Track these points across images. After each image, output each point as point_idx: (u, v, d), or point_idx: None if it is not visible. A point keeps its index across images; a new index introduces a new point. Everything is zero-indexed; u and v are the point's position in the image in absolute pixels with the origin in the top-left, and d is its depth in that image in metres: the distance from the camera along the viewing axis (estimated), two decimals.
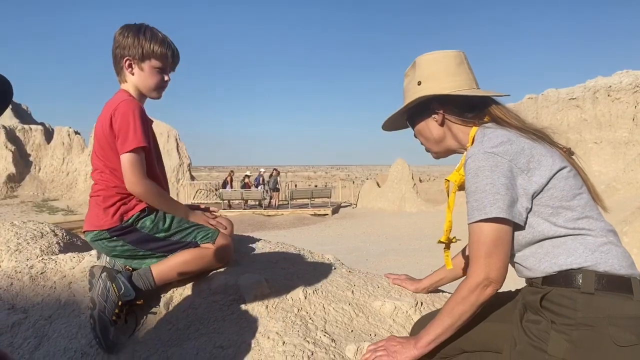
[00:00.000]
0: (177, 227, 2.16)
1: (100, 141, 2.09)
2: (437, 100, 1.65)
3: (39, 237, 3.86)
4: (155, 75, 2.18)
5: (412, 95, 1.68)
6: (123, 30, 2.14)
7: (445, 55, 1.67)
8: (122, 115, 2.02)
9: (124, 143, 2.01)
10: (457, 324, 1.55)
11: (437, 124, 1.69)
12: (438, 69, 1.65)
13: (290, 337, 1.81)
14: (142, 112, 2.09)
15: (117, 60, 2.17)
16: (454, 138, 1.70)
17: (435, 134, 1.71)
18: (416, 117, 1.74)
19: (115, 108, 2.04)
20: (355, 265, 9.09)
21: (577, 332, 1.35)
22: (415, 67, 1.70)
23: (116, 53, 2.16)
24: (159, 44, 2.15)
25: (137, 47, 2.12)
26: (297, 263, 2.44)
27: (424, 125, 1.73)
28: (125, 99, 2.08)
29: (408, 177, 26.81)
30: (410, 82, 1.71)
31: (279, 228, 20.73)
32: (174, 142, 34.33)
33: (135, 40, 2.12)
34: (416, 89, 1.67)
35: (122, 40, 2.13)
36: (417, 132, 1.77)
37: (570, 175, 1.49)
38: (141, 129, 2.04)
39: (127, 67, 2.15)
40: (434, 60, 1.67)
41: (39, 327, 2.14)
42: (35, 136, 38.36)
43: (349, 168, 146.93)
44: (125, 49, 2.13)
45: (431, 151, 1.79)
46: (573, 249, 1.43)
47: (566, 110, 30.08)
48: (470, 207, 1.48)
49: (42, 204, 33.29)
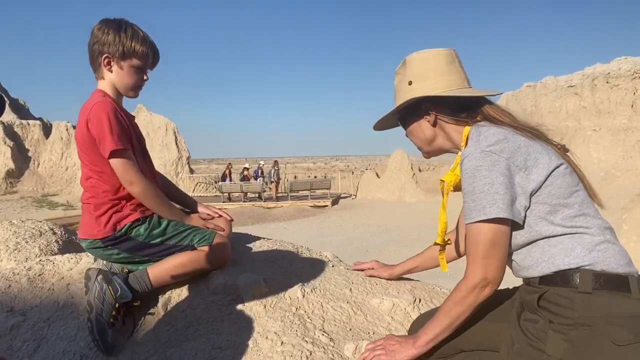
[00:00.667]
0: (173, 231, 2.14)
1: (82, 146, 2.05)
2: (429, 101, 1.63)
3: (38, 236, 3.85)
4: (134, 75, 2.12)
5: (403, 96, 1.66)
6: (102, 26, 2.06)
7: (436, 54, 1.64)
8: (97, 119, 1.97)
9: (104, 147, 1.97)
10: (454, 324, 1.55)
11: (429, 124, 1.67)
12: (429, 68, 1.63)
13: (288, 337, 1.81)
14: (116, 113, 2.03)
15: (94, 57, 2.10)
16: (447, 138, 1.69)
17: (427, 135, 1.70)
18: (408, 118, 1.72)
19: (90, 112, 1.99)
20: (355, 257, 9.09)
21: (575, 331, 1.35)
22: (406, 65, 1.68)
23: (94, 49, 2.08)
24: (140, 43, 2.08)
25: (117, 45, 2.05)
26: (295, 261, 2.44)
27: (416, 126, 1.71)
28: (98, 101, 2.02)
29: (407, 167, 26.81)
30: (401, 82, 1.69)
31: (279, 220, 20.75)
32: (173, 135, 34.25)
33: (116, 37, 2.04)
34: (407, 89, 1.65)
35: (102, 37, 2.05)
36: (409, 133, 1.76)
37: (567, 172, 1.48)
38: (118, 131, 1.99)
39: (106, 64, 2.08)
40: (424, 59, 1.64)
41: (38, 329, 2.14)
42: (34, 131, 38.29)
43: (348, 159, 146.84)
44: (105, 45, 2.05)
45: (423, 150, 1.78)
46: (570, 248, 1.43)
47: (565, 98, 30.04)
48: (468, 208, 1.47)
49: (41, 199, 33.28)
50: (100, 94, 2.08)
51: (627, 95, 27.84)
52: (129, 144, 2.04)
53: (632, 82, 27.72)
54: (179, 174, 33.26)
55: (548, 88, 31.02)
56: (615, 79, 28.15)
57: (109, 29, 2.05)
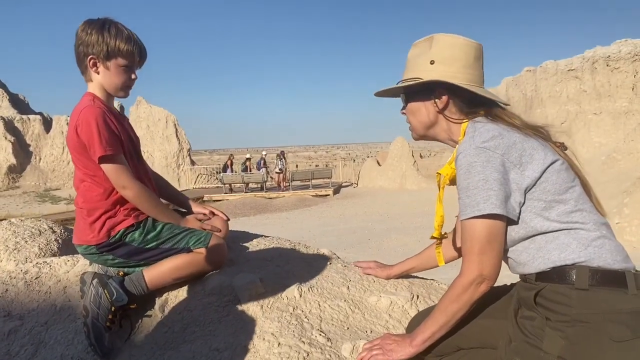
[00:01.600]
0: (168, 234, 2.12)
1: (74, 151, 2.04)
2: (446, 87, 1.58)
3: (37, 235, 3.84)
4: (121, 74, 2.08)
5: (421, 72, 1.60)
6: (86, 27, 2.02)
7: (467, 44, 1.59)
8: (85, 124, 1.95)
9: (94, 153, 1.96)
10: (451, 322, 1.54)
11: (434, 109, 1.63)
12: (456, 55, 1.58)
13: (285, 337, 1.80)
14: (104, 117, 2.00)
15: (80, 59, 2.06)
16: (445, 128, 1.65)
17: (430, 119, 1.66)
18: (415, 95, 1.66)
19: (79, 117, 1.97)
20: (357, 246, 9.10)
21: (572, 328, 1.34)
22: (432, 43, 1.61)
23: (79, 51, 2.05)
24: (125, 41, 2.03)
25: (101, 45, 2.00)
26: (292, 260, 2.42)
27: (421, 106, 1.66)
28: (86, 105, 1.99)
29: (408, 154, 26.77)
30: (420, 57, 1.62)
31: (281, 210, 20.78)
32: (173, 127, 34.22)
33: (100, 37, 2.00)
34: (427, 67, 1.59)
35: (85, 38, 2.01)
36: (410, 110, 1.70)
37: (563, 168, 1.47)
38: (106, 135, 1.97)
39: (92, 66, 2.05)
40: (454, 45, 1.59)
41: (36, 333, 2.14)
42: (34, 126, 38.26)
43: (349, 147, 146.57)
44: (89, 46, 2.01)
45: (416, 132, 1.73)
46: (566, 244, 1.42)
47: (565, 82, 29.87)
48: (463, 204, 1.46)
49: (44, 193, 33.35)
50: (89, 98, 2.04)
51: (627, 78, 27.66)
52: (118, 148, 2.02)
53: (632, 64, 27.53)
54: (180, 165, 33.28)
55: (548, 72, 30.82)
56: (616, 61, 27.95)
57: (92, 29, 2.01)
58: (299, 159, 60.49)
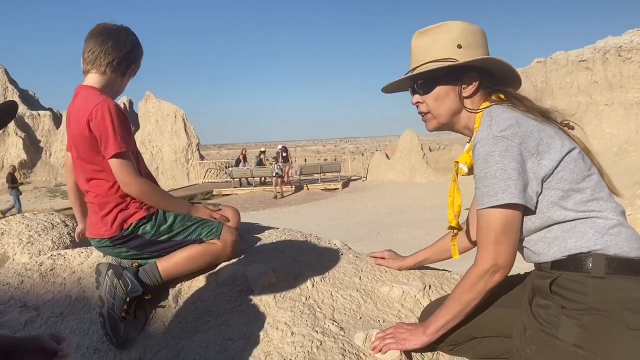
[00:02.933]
0: (179, 226, 2.14)
1: (81, 145, 2.05)
2: (478, 70, 1.57)
3: (50, 229, 3.88)
4: (126, 84, 2.27)
5: (448, 55, 1.56)
6: (135, 38, 2.19)
7: (482, 32, 1.60)
8: (100, 119, 1.97)
9: (107, 148, 1.98)
10: (465, 311, 1.54)
11: (456, 95, 1.59)
12: (479, 41, 1.58)
13: (298, 327, 1.81)
14: (119, 112, 2.04)
15: (120, 59, 2.13)
16: (465, 116, 1.63)
17: (457, 105, 1.60)
18: (440, 81, 1.60)
19: (93, 111, 1.98)
20: (367, 239, 9.08)
21: (588, 316, 1.34)
22: (449, 30, 1.57)
23: (123, 52, 2.14)
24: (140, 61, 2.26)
25: (139, 60, 2.22)
26: (304, 250, 2.43)
27: (449, 90, 1.59)
28: (101, 100, 2.01)
29: (417, 147, 26.65)
30: (439, 42, 1.57)
31: (290, 204, 20.79)
32: (182, 122, 34.28)
33: (141, 52, 2.22)
34: (456, 50, 1.55)
35: (137, 47, 2.19)
36: (436, 96, 1.61)
37: (580, 157, 1.46)
38: (121, 132, 2.00)
39: (130, 73, 2.21)
40: (475, 32, 1.58)
41: (51, 324, 2.16)
42: (44, 122, 38.57)
43: (357, 140, 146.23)
44: (137, 57, 2.21)
45: (437, 121, 1.65)
46: (582, 232, 1.41)
47: (576, 73, 29.57)
48: (480, 193, 1.45)
49: (55, 189, 33.61)
50: (96, 92, 2.07)
51: (639, 68, 27.37)
52: (130, 145, 2.05)
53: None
54: (189, 160, 33.35)
55: (558, 63, 30.52)
56: (628, 52, 27.63)
57: (138, 44, 2.21)
58: (307, 152, 60.46)
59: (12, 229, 3.66)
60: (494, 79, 1.60)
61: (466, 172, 1.61)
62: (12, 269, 2.56)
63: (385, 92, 1.78)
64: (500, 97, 1.58)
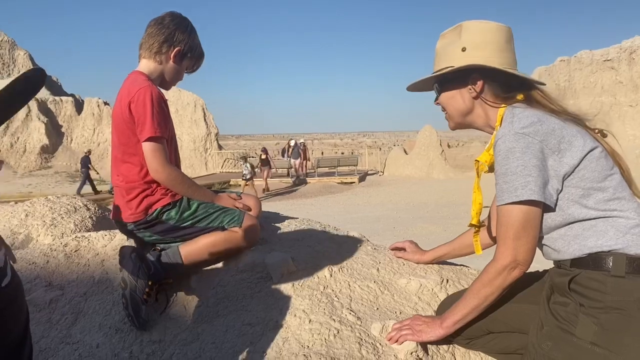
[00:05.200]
0: (202, 213, 2.18)
1: (119, 126, 2.11)
2: (481, 72, 1.58)
3: (73, 212, 3.96)
4: (182, 73, 2.29)
5: (454, 60, 1.60)
6: (182, 21, 2.22)
7: (498, 29, 1.59)
8: (141, 102, 2.03)
9: (142, 131, 2.03)
10: (482, 306, 1.55)
11: (469, 95, 1.63)
12: (488, 40, 1.58)
13: (316, 315, 1.84)
14: (160, 99, 2.09)
15: (162, 42, 2.18)
16: (482, 115, 1.65)
17: (466, 106, 1.65)
18: (449, 83, 1.66)
19: (135, 94, 2.04)
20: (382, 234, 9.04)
21: (606, 315, 1.34)
22: (462, 31, 1.61)
23: (166, 34, 2.18)
24: (201, 50, 2.30)
25: (190, 44, 2.23)
26: (322, 241, 2.46)
27: (456, 94, 1.66)
28: (145, 85, 2.07)
29: (436, 143, 26.49)
30: (450, 45, 1.62)
31: (306, 197, 20.82)
32: (201, 111, 34.48)
33: (191, 37, 2.23)
34: (459, 54, 1.59)
35: (182, 30, 2.20)
36: (445, 99, 1.69)
37: (602, 155, 1.45)
38: (159, 118, 2.04)
39: (174, 55, 2.21)
40: (485, 30, 1.59)
41: (75, 303, 2.22)
42: (67, 108, 39.07)
43: (375, 135, 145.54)
44: (182, 40, 2.20)
45: (453, 121, 1.72)
46: (603, 231, 1.41)
47: (600, 73, 29.08)
48: (500, 190, 1.46)
49: (75, 174, 34.05)
50: (144, 77, 2.13)
51: None
52: (166, 132, 2.09)
53: None
54: (208, 150, 33.57)
55: (583, 62, 30.05)
56: None
57: (187, 26, 2.23)
58: (324, 146, 60.39)
59: (36, 211, 3.75)
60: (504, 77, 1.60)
61: (487, 169, 1.62)
62: (38, 249, 2.62)
63: (410, 91, 1.82)
64: (518, 98, 1.59)
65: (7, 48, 40.00)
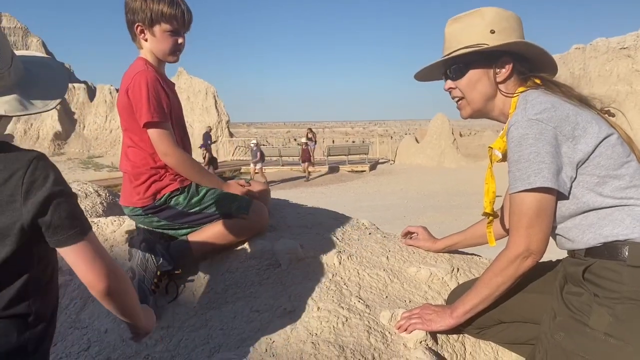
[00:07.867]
0: (211, 199, 2.16)
1: (123, 114, 2.08)
2: (511, 54, 1.56)
3: (84, 198, 3.96)
4: (167, 40, 2.08)
5: (481, 40, 1.55)
6: None
7: (517, 17, 1.59)
8: (136, 88, 1.99)
9: (140, 117, 1.99)
10: (494, 295, 1.53)
11: (489, 79, 1.59)
12: (513, 26, 1.57)
13: (324, 302, 1.82)
14: (156, 83, 2.03)
15: (129, 27, 2.10)
16: (500, 102, 1.61)
17: (491, 89, 1.60)
18: (474, 64, 1.59)
19: (132, 81, 2.01)
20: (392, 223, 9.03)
21: (621, 305, 1.31)
22: (484, 15, 1.57)
23: (127, 19, 2.08)
24: (167, 6, 2.02)
25: (145, 12, 2.01)
26: (331, 228, 2.43)
27: (482, 75, 1.59)
28: (139, 70, 2.02)
29: (448, 132, 26.29)
30: (472, 27, 1.57)
31: (316, 185, 20.82)
32: (212, 99, 34.51)
33: (143, 3, 2.01)
34: (489, 35, 1.55)
35: (131, 4, 2.03)
36: (468, 82, 1.61)
37: (618, 142, 1.42)
38: (154, 102, 2.00)
39: (139, 33, 2.08)
40: (509, 17, 1.58)
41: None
42: (79, 94, 39.31)
43: (387, 123, 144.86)
44: (135, 14, 2.04)
45: (471, 106, 1.65)
46: (620, 219, 1.38)
47: (616, 61, 28.60)
48: (513, 177, 1.43)
49: (87, 160, 34.35)
50: (142, 63, 2.08)
51: None
52: (165, 115, 2.05)
53: None
54: (219, 137, 33.63)
55: (598, 50, 29.57)
56: None
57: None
58: (335, 134, 60.20)
59: None
60: (529, 64, 1.59)
61: (500, 158, 1.59)
62: None
63: (418, 80, 1.78)
64: (536, 82, 1.57)
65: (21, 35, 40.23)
